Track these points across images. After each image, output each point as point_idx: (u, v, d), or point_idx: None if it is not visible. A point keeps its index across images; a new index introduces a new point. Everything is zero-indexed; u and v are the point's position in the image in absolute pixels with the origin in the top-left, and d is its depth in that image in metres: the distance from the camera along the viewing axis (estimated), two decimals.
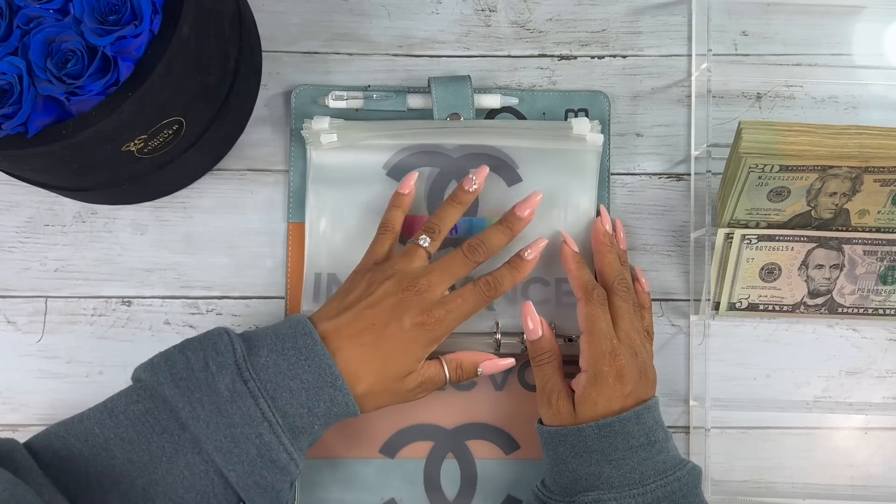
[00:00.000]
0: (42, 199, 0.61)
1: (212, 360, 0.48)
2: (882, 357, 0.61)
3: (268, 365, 0.48)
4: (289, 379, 0.48)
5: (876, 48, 0.63)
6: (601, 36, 0.63)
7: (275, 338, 0.49)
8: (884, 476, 0.60)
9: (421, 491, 0.59)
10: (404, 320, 0.51)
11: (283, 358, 0.48)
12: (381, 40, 0.63)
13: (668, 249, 0.61)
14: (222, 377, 0.47)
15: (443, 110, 0.60)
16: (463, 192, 0.56)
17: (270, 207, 0.61)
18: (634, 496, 0.49)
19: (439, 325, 0.51)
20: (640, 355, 0.53)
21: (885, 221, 0.56)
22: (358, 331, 0.50)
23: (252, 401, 0.47)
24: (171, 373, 0.47)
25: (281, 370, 0.48)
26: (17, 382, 0.60)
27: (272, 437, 0.47)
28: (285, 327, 0.50)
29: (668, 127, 0.62)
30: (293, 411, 0.48)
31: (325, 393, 0.48)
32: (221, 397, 0.47)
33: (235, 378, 0.47)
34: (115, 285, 0.61)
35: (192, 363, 0.48)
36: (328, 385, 0.48)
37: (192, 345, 0.49)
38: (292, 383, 0.48)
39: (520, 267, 0.55)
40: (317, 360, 0.48)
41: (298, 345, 0.49)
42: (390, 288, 0.52)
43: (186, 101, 0.51)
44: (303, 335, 0.49)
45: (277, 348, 0.49)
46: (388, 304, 0.51)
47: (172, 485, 0.46)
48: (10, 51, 0.47)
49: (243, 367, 0.47)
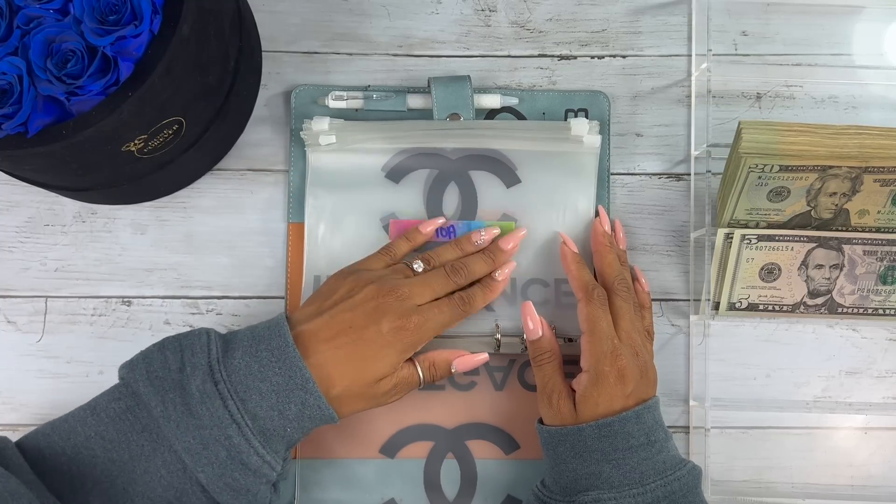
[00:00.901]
0: (42, 199, 0.61)
1: (187, 360, 0.48)
2: (882, 357, 0.61)
3: (240, 367, 0.48)
4: (259, 381, 0.48)
5: (876, 48, 0.63)
6: (601, 36, 0.63)
7: (251, 339, 0.50)
8: (884, 476, 0.60)
9: (421, 491, 0.59)
10: (382, 324, 0.51)
11: (256, 360, 0.48)
12: (381, 40, 0.63)
13: (668, 249, 0.61)
14: (195, 378, 0.47)
15: (443, 110, 0.60)
16: (469, 243, 0.57)
17: (270, 207, 0.61)
18: (634, 496, 0.49)
19: (416, 332, 0.51)
20: (641, 355, 0.53)
21: (884, 221, 0.56)
22: (335, 333, 0.50)
23: (221, 402, 0.47)
24: (147, 371, 0.48)
25: (252, 372, 0.48)
26: (17, 382, 0.60)
27: (241, 439, 0.47)
28: (263, 328, 0.50)
29: (667, 127, 0.62)
30: (263, 413, 0.48)
31: (296, 396, 0.48)
32: (192, 398, 0.47)
33: (206, 379, 0.47)
34: (115, 285, 0.61)
35: (168, 362, 0.48)
36: (298, 388, 0.48)
37: (172, 344, 0.49)
38: (262, 385, 0.48)
39: (491, 287, 0.56)
40: (287, 363, 0.48)
41: (272, 346, 0.49)
42: (371, 292, 0.52)
43: (186, 101, 0.51)
44: (277, 337, 0.49)
45: (251, 350, 0.49)
46: (367, 308, 0.51)
47: (151, 483, 0.46)
48: (10, 51, 0.47)
49: (215, 369, 0.48)
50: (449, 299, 0.54)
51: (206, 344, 0.49)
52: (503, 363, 0.60)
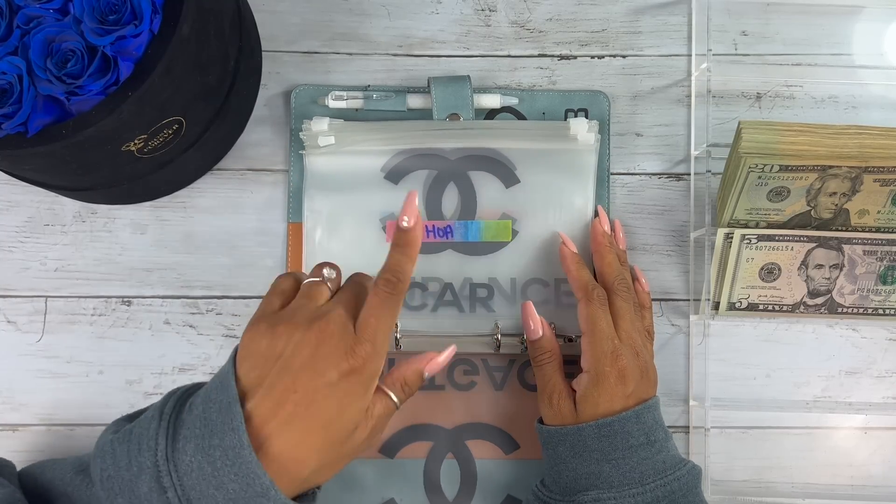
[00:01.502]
0: (42, 199, 0.61)
1: (133, 457, 0.42)
2: (882, 357, 0.61)
3: (192, 467, 0.41)
4: (214, 488, 0.41)
5: (876, 48, 0.63)
6: (601, 36, 0.63)
7: (203, 426, 0.42)
8: (884, 476, 0.60)
9: (421, 491, 0.59)
10: (329, 374, 0.42)
11: (209, 461, 0.41)
12: (381, 40, 0.63)
13: (668, 249, 0.61)
14: (142, 482, 0.41)
15: (442, 110, 0.60)
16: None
17: (270, 207, 0.61)
18: (634, 495, 0.49)
19: (371, 360, 0.43)
20: (642, 355, 0.53)
21: (884, 221, 0.56)
22: (279, 406, 0.42)
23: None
24: (100, 468, 0.43)
25: (206, 476, 0.41)
26: (17, 382, 0.60)
27: None
28: (214, 411, 0.42)
29: (667, 127, 0.62)
30: None
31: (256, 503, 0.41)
32: (142, 503, 0.41)
33: (154, 486, 0.41)
34: (115, 285, 0.61)
35: (118, 459, 0.42)
36: (259, 496, 0.41)
37: (125, 434, 0.43)
38: (217, 493, 0.41)
39: (405, 240, 0.47)
40: (244, 469, 0.40)
41: (225, 444, 0.41)
42: (298, 338, 0.43)
43: (186, 101, 0.51)
44: (230, 431, 0.41)
45: (204, 445, 0.41)
46: (303, 360, 0.42)
47: None
48: (10, 51, 0.47)
49: (163, 472, 0.41)
50: (374, 294, 0.45)
51: (155, 435, 0.42)
52: (503, 363, 0.60)
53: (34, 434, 0.59)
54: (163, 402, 0.44)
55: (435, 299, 0.59)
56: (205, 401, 0.43)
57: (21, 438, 0.59)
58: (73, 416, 0.60)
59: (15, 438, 0.59)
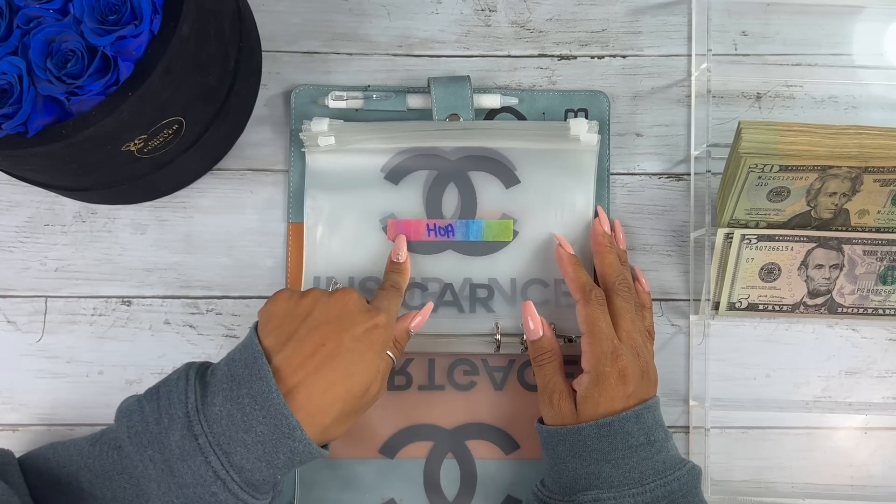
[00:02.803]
0: (42, 199, 0.61)
1: (164, 411, 0.45)
2: (882, 357, 0.61)
3: (222, 415, 0.45)
4: (243, 432, 0.44)
5: (876, 48, 0.63)
6: (601, 36, 0.63)
7: (230, 381, 0.45)
8: (884, 476, 0.60)
9: (421, 491, 0.59)
10: (355, 329, 0.48)
11: (238, 407, 0.45)
12: (381, 40, 0.63)
13: (668, 249, 0.61)
14: (173, 432, 0.44)
15: (442, 111, 0.60)
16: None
17: (270, 207, 0.61)
18: (633, 495, 0.49)
19: (387, 327, 0.50)
20: (642, 355, 0.53)
21: (884, 221, 0.56)
22: (308, 357, 0.46)
23: (203, 458, 0.44)
24: (127, 426, 0.45)
25: (235, 422, 0.44)
26: (17, 382, 0.60)
27: (227, 495, 0.44)
28: (241, 367, 0.46)
29: (667, 127, 0.62)
30: (250, 465, 0.45)
31: (284, 445, 0.45)
32: (172, 454, 0.44)
33: (185, 433, 0.44)
34: (115, 285, 0.61)
35: (146, 415, 0.45)
36: (286, 437, 0.45)
37: (151, 392, 0.46)
38: (247, 437, 0.44)
39: (398, 269, 0.58)
40: (273, 411, 0.44)
41: (254, 391, 0.45)
42: (327, 304, 0.49)
43: (186, 101, 0.51)
44: (259, 380, 0.45)
45: (233, 395, 0.45)
46: (331, 318, 0.48)
47: None
48: (10, 51, 0.47)
49: (194, 421, 0.44)
50: (383, 289, 0.55)
51: (184, 390, 0.45)
52: (503, 363, 0.60)
53: (34, 434, 0.59)
54: (185, 369, 0.47)
55: (435, 299, 0.59)
56: (228, 362, 0.47)
57: (21, 438, 0.59)
58: (73, 416, 0.60)
59: (15, 438, 0.59)
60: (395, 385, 0.60)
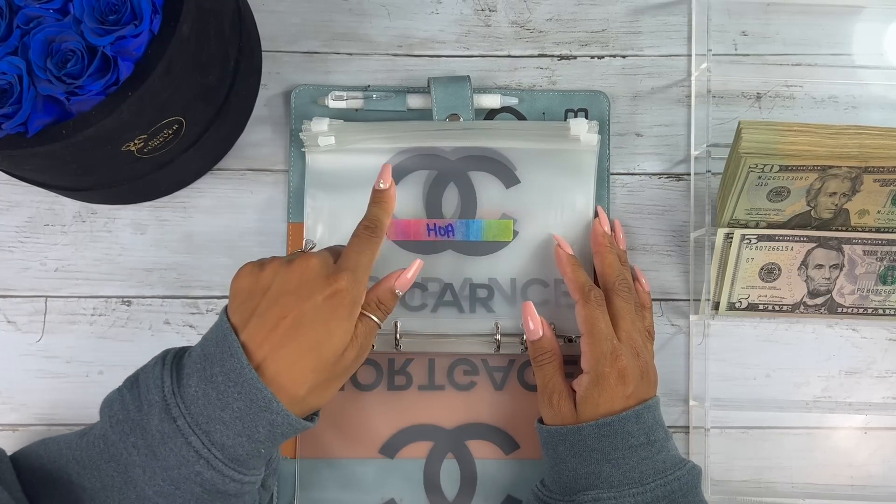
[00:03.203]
0: (42, 199, 0.61)
1: (143, 397, 0.45)
2: (882, 357, 0.61)
3: (197, 396, 0.45)
4: (220, 410, 0.45)
5: (876, 48, 0.63)
6: (601, 36, 0.63)
7: (203, 360, 0.46)
8: (884, 476, 0.60)
9: (421, 491, 0.59)
10: (315, 297, 0.47)
11: (213, 386, 0.45)
12: (381, 40, 0.63)
13: (668, 249, 0.61)
14: (152, 417, 0.45)
15: (442, 111, 0.60)
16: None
17: (270, 207, 0.61)
18: (633, 495, 0.49)
19: (352, 287, 0.48)
20: (642, 356, 0.53)
21: (884, 221, 0.56)
22: (271, 331, 0.46)
23: (183, 440, 0.44)
24: (109, 415, 0.46)
25: (211, 400, 0.45)
26: (17, 382, 0.60)
27: (213, 472, 0.45)
28: (212, 345, 0.46)
29: (667, 127, 0.62)
30: (231, 441, 0.45)
31: (262, 418, 0.45)
32: (154, 438, 0.44)
33: (164, 416, 0.44)
34: (115, 285, 0.61)
35: (126, 403, 0.46)
36: (263, 410, 0.45)
37: (130, 380, 0.47)
38: (224, 414, 0.45)
39: (381, 197, 0.55)
40: (246, 386, 0.44)
41: (226, 369, 0.45)
42: (285, 273, 0.48)
43: (186, 101, 0.51)
44: (230, 357, 0.45)
45: (206, 375, 0.45)
46: (290, 289, 0.47)
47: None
48: (10, 51, 0.47)
49: (171, 403, 0.45)
50: (355, 235, 0.52)
51: (160, 375, 0.46)
52: (503, 363, 0.60)
53: (34, 434, 0.59)
54: (162, 355, 0.48)
55: (435, 299, 0.59)
56: (202, 343, 0.47)
57: (21, 438, 0.59)
58: (73, 416, 0.60)
59: (15, 438, 0.59)
60: (395, 385, 0.60)
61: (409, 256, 0.59)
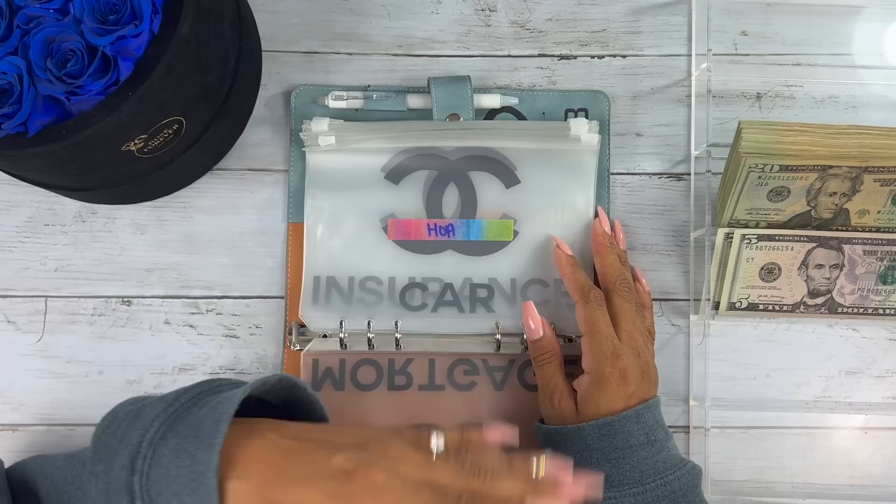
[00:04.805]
0: (42, 199, 0.61)
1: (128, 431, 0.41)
2: (882, 357, 0.61)
3: (164, 463, 0.40)
4: (171, 494, 0.39)
5: (876, 48, 0.63)
6: (601, 36, 0.63)
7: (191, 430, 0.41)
8: (884, 476, 0.60)
9: None
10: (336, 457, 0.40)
11: (176, 465, 0.40)
12: (381, 40, 0.63)
13: (668, 249, 0.61)
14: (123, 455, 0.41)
15: (442, 111, 0.60)
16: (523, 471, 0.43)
17: (270, 207, 0.61)
18: (634, 495, 0.49)
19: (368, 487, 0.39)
20: (643, 355, 0.53)
21: (884, 221, 0.56)
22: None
23: (129, 500, 0.40)
24: (100, 429, 0.43)
25: (170, 478, 0.40)
26: (17, 382, 0.60)
27: None
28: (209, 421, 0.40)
29: (668, 127, 0.62)
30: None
31: None
32: (113, 480, 0.41)
33: (126, 462, 0.40)
34: (115, 285, 0.61)
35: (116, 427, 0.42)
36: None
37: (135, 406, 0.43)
38: (173, 500, 0.39)
39: None
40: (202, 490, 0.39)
41: (196, 458, 0.39)
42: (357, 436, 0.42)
43: (186, 101, 0.51)
44: (206, 448, 0.39)
45: (182, 448, 0.40)
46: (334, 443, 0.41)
47: None
48: (10, 51, 0.47)
49: (141, 455, 0.40)
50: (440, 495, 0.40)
51: (154, 417, 0.41)
52: (503, 363, 0.60)
53: (34, 434, 0.59)
54: (189, 388, 0.43)
55: (435, 299, 0.59)
56: (213, 406, 0.42)
57: (21, 438, 0.59)
58: (73, 416, 0.60)
59: (15, 438, 0.59)
60: (395, 385, 0.60)
61: (409, 256, 0.59)
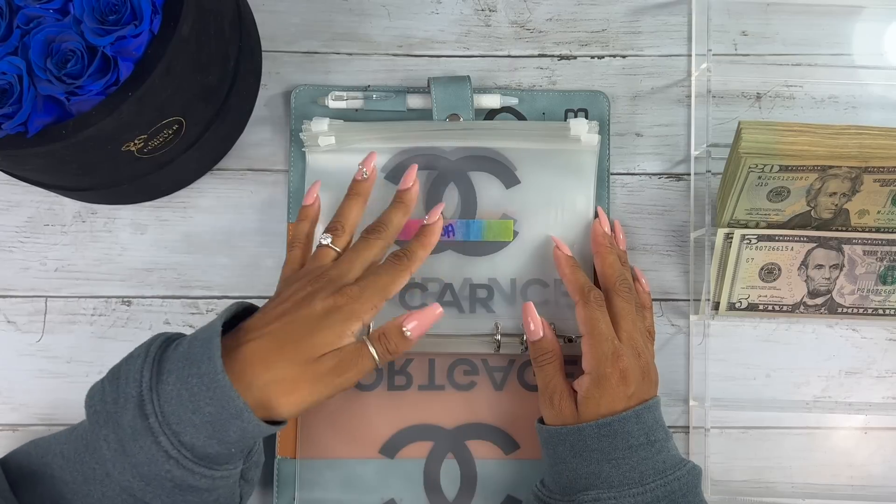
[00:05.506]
0: (42, 199, 0.61)
1: (121, 390, 0.45)
2: (882, 357, 0.61)
3: (172, 395, 0.45)
4: (191, 412, 0.44)
5: (876, 48, 0.63)
6: (601, 36, 0.63)
7: (184, 360, 0.46)
8: (884, 476, 0.60)
9: (421, 491, 0.59)
10: (314, 304, 0.48)
11: (186, 388, 0.45)
12: (381, 40, 0.63)
13: (668, 249, 0.61)
14: (126, 412, 0.44)
15: (442, 111, 0.60)
16: (356, 182, 0.56)
17: (270, 207, 0.61)
18: (634, 495, 0.49)
19: (354, 301, 0.49)
20: (643, 356, 0.53)
21: (884, 221, 0.56)
22: (268, 322, 0.48)
23: (152, 439, 0.44)
24: (90, 405, 0.46)
25: (183, 401, 0.44)
26: (17, 382, 0.60)
27: (182, 471, 0.44)
28: (198, 345, 0.46)
29: (667, 127, 0.62)
30: (200, 443, 0.45)
31: (233, 424, 0.45)
32: (125, 433, 0.44)
33: (137, 413, 0.44)
34: (115, 285, 0.61)
35: (105, 395, 0.46)
36: (233, 417, 0.45)
37: (114, 371, 0.47)
38: (195, 417, 0.44)
39: (425, 233, 0.55)
40: (219, 392, 0.44)
41: (202, 372, 0.45)
42: (301, 285, 0.50)
43: (186, 101, 0.51)
44: (207, 360, 0.45)
45: (183, 375, 0.45)
46: (298, 297, 0.49)
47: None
48: (10, 51, 0.47)
49: (146, 400, 0.44)
50: (386, 259, 0.53)
51: (140, 369, 0.45)
52: (503, 363, 0.60)
53: (34, 434, 0.59)
54: (148, 343, 0.47)
55: (435, 299, 0.59)
56: (190, 340, 0.47)
57: (21, 438, 0.59)
58: (73, 416, 0.60)
59: (15, 438, 0.59)
60: (395, 385, 0.60)
61: None
